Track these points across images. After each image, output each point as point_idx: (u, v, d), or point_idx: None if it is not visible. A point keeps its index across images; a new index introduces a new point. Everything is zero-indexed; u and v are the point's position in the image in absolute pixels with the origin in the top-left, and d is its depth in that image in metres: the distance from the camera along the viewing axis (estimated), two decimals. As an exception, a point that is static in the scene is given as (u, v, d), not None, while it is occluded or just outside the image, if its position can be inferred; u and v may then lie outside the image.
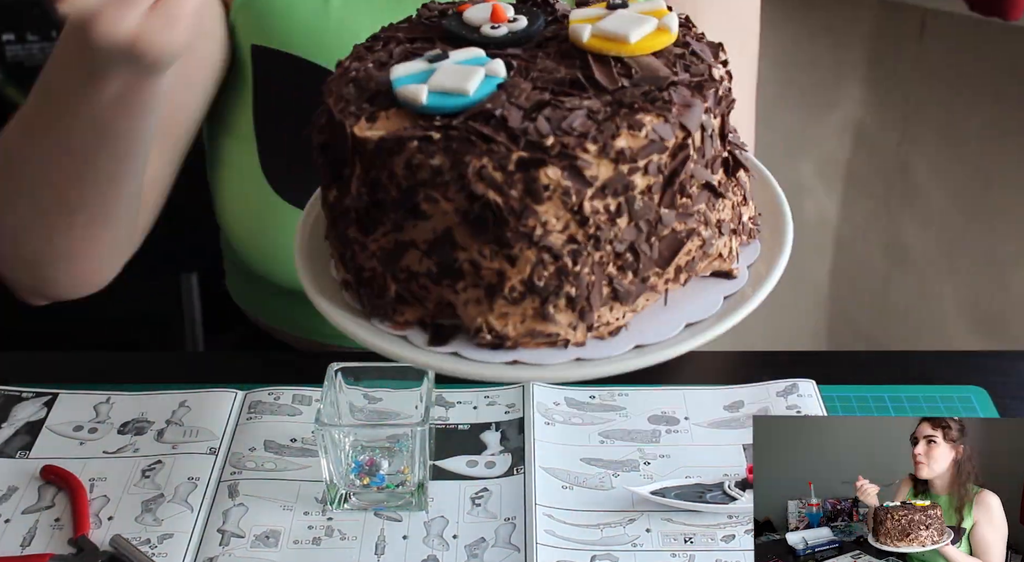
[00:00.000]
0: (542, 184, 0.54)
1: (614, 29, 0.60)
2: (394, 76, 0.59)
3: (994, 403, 0.87)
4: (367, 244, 0.59)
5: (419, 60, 0.60)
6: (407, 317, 0.60)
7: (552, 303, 0.57)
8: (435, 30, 0.66)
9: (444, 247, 0.57)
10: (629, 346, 0.59)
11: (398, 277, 0.59)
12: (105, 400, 0.87)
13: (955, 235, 1.91)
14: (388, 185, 0.57)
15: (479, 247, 0.56)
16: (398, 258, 0.59)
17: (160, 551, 0.74)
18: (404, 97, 0.57)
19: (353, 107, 0.59)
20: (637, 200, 0.57)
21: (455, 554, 0.74)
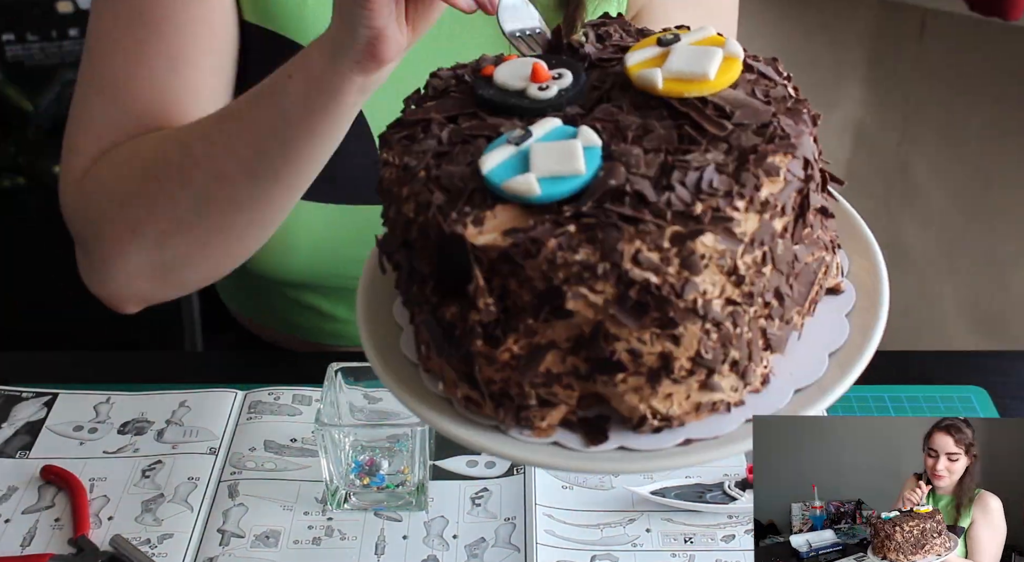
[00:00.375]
0: (699, 254, 0.51)
1: (690, 68, 0.56)
2: (486, 169, 0.53)
3: (994, 403, 0.87)
4: (496, 356, 0.54)
5: (501, 144, 0.54)
6: (550, 421, 0.55)
7: (719, 371, 0.54)
8: (468, 102, 0.60)
9: (595, 342, 0.52)
10: (789, 393, 0.56)
11: (535, 382, 0.54)
12: (105, 400, 0.87)
13: (955, 235, 1.92)
14: (520, 291, 0.52)
15: (638, 334, 0.52)
16: (537, 363, 0.53)
17: (160, 551, 0.74)
18: (514, 191, 0.52)
19: (453, 213, 0.52)
20: (779, 244, 0.54)
21: (455, 554, 0.74)
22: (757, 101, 0.56)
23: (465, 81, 0.61)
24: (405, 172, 0.56)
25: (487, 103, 0.58)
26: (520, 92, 0.58)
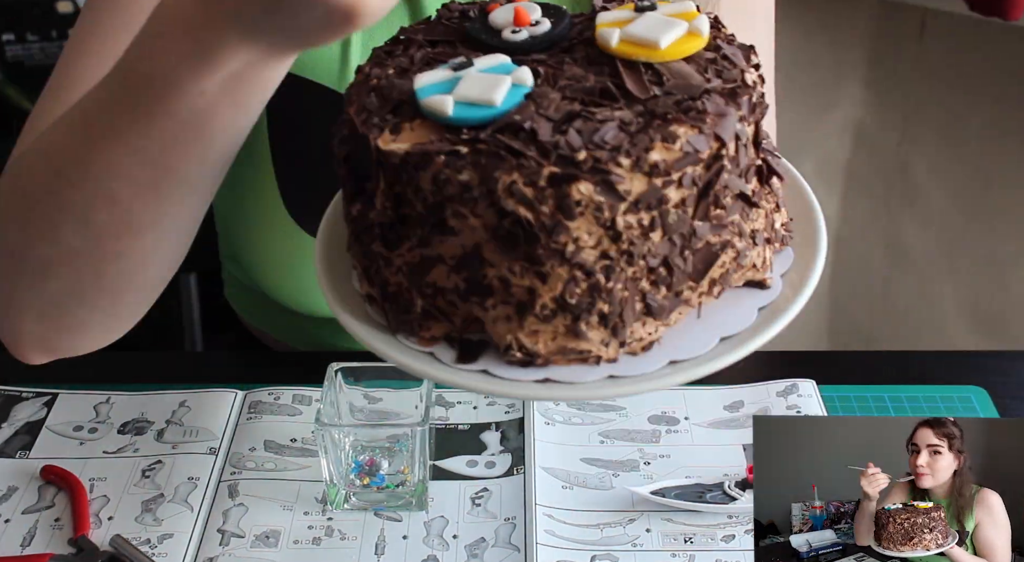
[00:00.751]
0: (574, 200, 0.52)
1: (644, 34, 0.58)
2: (418, 85, 0.56)
3: (994, 403, 0.87)
4: (392, 259, 0.57)
5: (443, 68, 0.58)
6: (433, 333, 0.58)
7: (584, 320, 0.56)
8: (456, 32, 0.63)
9: (473, 263, 0.55)
10: (663, 362, 0.57)
11: (424, 292, 0.57)
12: (105, 400, 0.87)
13: (955, 235, 1.91)
14: (414, 200, 0.55)
15: (509, 264, 0.54)
16: (425, 273, 0.57)
17: (160, 551, 0.74)
18: (429, 108, 0.55)
19: (376, 118, 0.56)
20: (671, 214, 0.55)
21: (455, 554, 0.74)
22: (699, 76, 0.57)
23: (469, 17, 0.64)
24: (365, 79, 0.60)
25: (467, 37, 0.62)
26: (498, 32, 0.61)
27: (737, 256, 0.59)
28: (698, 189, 0.55)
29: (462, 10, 0.65)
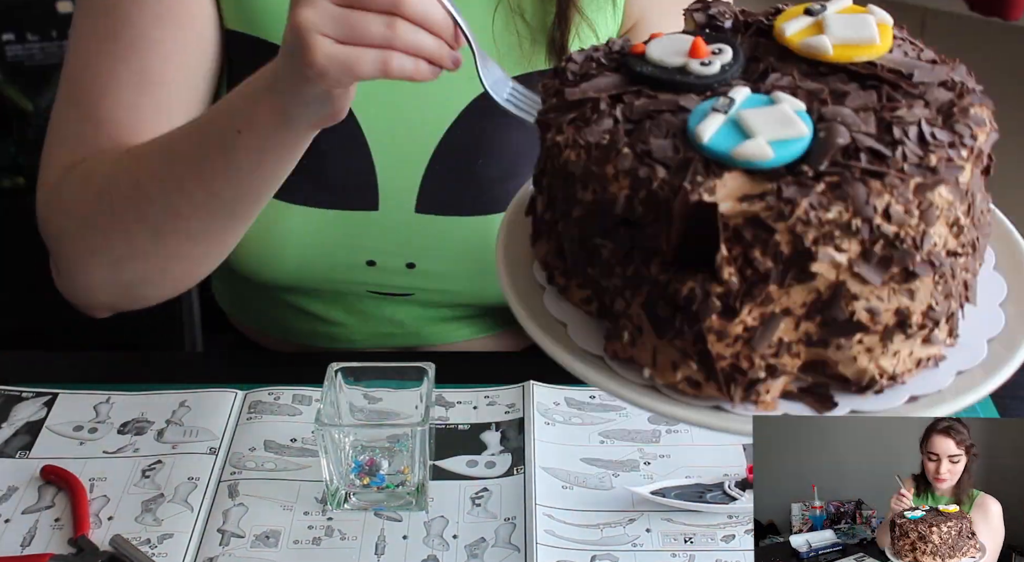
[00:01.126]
0: (936, 205, 0.52)
1: (856, 34, 0.58)
2: (705, 138, 0.53)
3: (994, 403, 0.87)
4: (729, 330, 0.52)
5: (711, 113, 0.54)
6: (774, 394, 0.55)
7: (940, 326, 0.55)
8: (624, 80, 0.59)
9: (835, 303, 0.52)
10: (982, 342, 0.57)
11: (764, 354, 0.53)
12: (105, 400, 0.87)
13: (955, 235, 1.91)
14: (762, 258, 0.51)
15: (877, 291, 0.52)
16: (771, 332, 0.53)
17: (160, 551, 0.74)
18: (746, 157, 0.51)
19: (687, 183, 0.51)
20: (978, 196, 0.55)
21: (455, 554, 0.74)
22: (920, 62, 0.57)
23: (602, 62, 0.61)
24: (601, 151, 0.54)
25: (647, 80, 0.58)
26: (681, 68, 0.58)
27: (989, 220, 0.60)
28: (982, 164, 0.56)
29: (590, 58, 0.62)
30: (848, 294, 0.52)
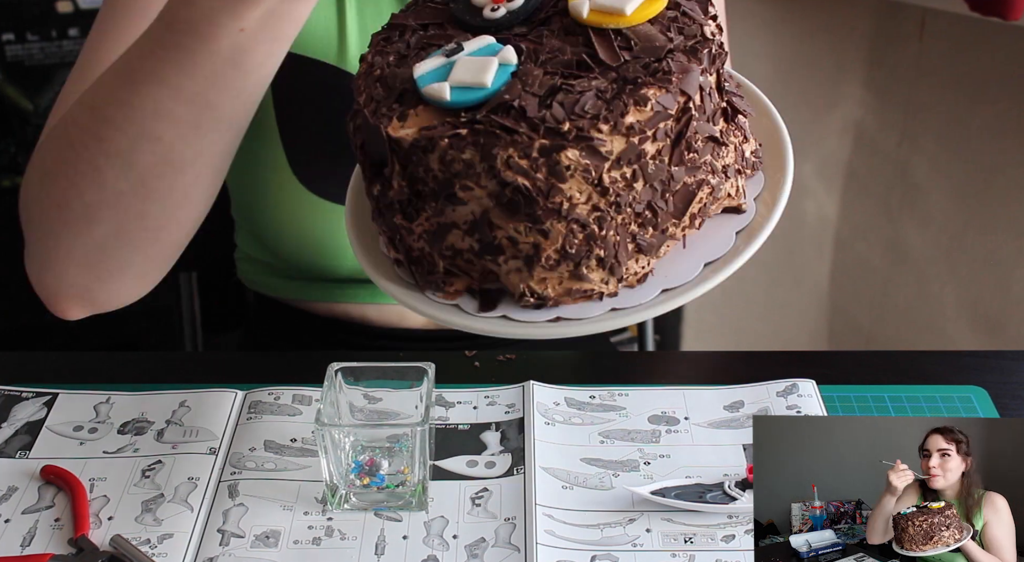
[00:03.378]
0: (564, 165, 0.60)
1: (611, 3, 0.64)
2: (417, 74, 0.63)
3: (994, 403, 0.87)
4: (412, 229, 0.65)
5: (437, 54, 0.64)
6: (456, 287, 0.66)
7: (585, 265, 0.63)
8: (442, 14, 0.69)
9: (483, 227, 0.63)
10: (657, 291, 0.65)
11: (444, 254, 0.65)
12: (105, 400, 0.87)
13: (955, 235, 1.91)
14: (425, 178, 0.62)
15: (514, 225, 0.62)
16: (442, 238, 0.64)
17: (160, 551, 0.74)
18: (430, 96, 0.61)
19: (384, 108, 0.63)
20: (649, 164, 0.62)
21: (455, 554, 0.74)
22: (662, 37, 0.64)
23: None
24: (370, 69, 0.66)
25: (454, 17, 0.68)
26: (479, 10, 0.68)
27: (712, 191, 0.66)
28: (671, 139, 0.62)
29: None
30: (492, 223, 0.62)
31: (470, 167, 0.60)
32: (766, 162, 0.71)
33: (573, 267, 0.63)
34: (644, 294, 0.65)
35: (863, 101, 1.96)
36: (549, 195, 0.60)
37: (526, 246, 0.63)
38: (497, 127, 0.60)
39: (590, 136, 0.59)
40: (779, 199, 0.68)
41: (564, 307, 0.65)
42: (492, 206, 0.61)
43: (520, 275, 0.64)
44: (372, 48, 0.68)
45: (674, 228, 0.65)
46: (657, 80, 0.61)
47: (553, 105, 0.60)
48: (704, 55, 0.63)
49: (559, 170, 0.60)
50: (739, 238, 0.67)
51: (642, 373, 0.93)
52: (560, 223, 0.61)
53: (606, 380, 0.90)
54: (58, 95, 0.86)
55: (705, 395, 0.87)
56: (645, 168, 0.62)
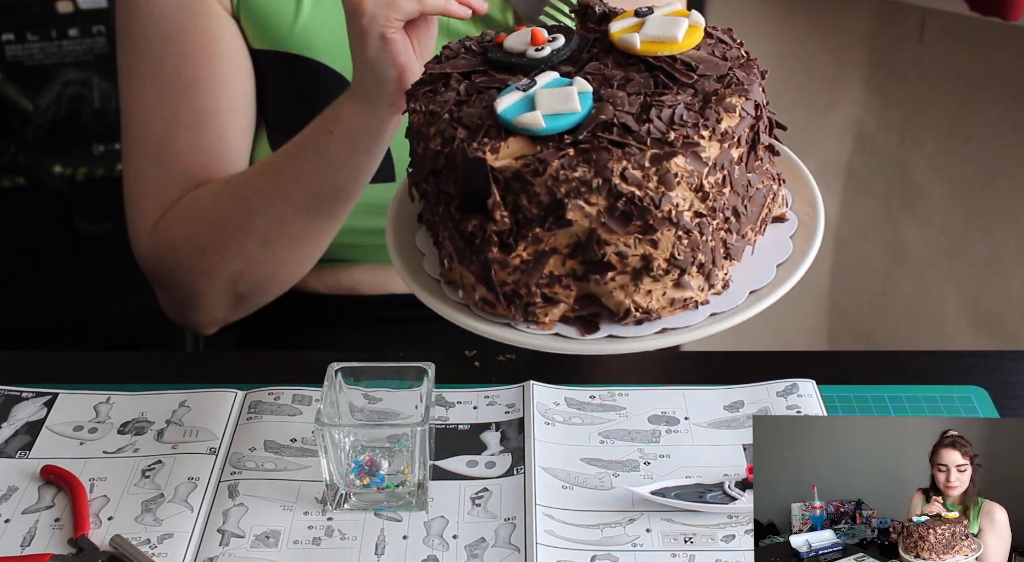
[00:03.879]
0: (672, 173, 0.63)
1: (662, 33, 0.69)
2: (500, 109, 0.65)
3: (994, 403, 0.87)
4: (508, 261, 0.66)
5: (512, 91, 0.66)
6: (552, 316, 0.68)
7: (688, 272, 0.66)
8: (479, 62, 0.72)
9: (589, 246, 0.64)
10: (744, 294, 0.68)
11: (541, 283, 0.66)
12: (105, 400, 0.87)
13: (955, 235, 1.91)
14: (529, 205, 0.64)
15: (624, 239, 0.64)
16: (541, 265, 0.66)
17: (160, 551, 0.74)
18: (523, 125, 0.64)
19: (475, 143, 0.64)
20: (736, 170, 0.66)
21: (455, 554, 0.74)
22: (716, 59, 0.69)
23: (472, 50, 0.74)
24: (432, 116, 0.68)
25: (495, 63, 0.71)
26: (521, 54, 0.71)
27: (774, 197, 0.72)
28: (748, 145, 0.67)
29: (463, 46, 0.74)
30: (600, 239, 0.64)
31: (583, 184, 0.62)
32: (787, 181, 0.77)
33: (678, 275, 0.66)
34: (733, 298, 0.68)
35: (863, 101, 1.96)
36: (660, 203, 0.63)
37: (635, 259, 0.64)
38: (607, 143, 0.62)
39: (695, 142, 0.63)
40: (817, 207, 0.74)
41: (666, 318, 0.67)
42: (603, 222, 0.63)
43: (625, 291, 0.66)
44: (417, 100, 0.70)
45: (751, 233, 0.69)
46: (735, 90, 0.66)
47: (652, 119, 0.63)
48: (755, 72, 0.68)
49: (668, 178, 0.63)
50: (795, 242, 0.72)
51: (642, 373, 0.92)
52: (670, 230, 0.64)
53: (606, 380, 0.90)
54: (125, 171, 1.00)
55: (705, 395, 0.87)
56: (732, 173, 0.66)
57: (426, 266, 0.74)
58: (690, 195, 0.64)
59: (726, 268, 0.68)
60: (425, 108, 0.69)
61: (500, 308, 0.67)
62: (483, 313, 0.69)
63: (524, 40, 0.71)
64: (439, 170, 0.67)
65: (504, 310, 0.67)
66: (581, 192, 0.62)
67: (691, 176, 0.63)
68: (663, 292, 0.66)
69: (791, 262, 0.70)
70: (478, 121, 0.66)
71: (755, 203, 0.69)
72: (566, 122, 0.64)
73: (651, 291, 0.66)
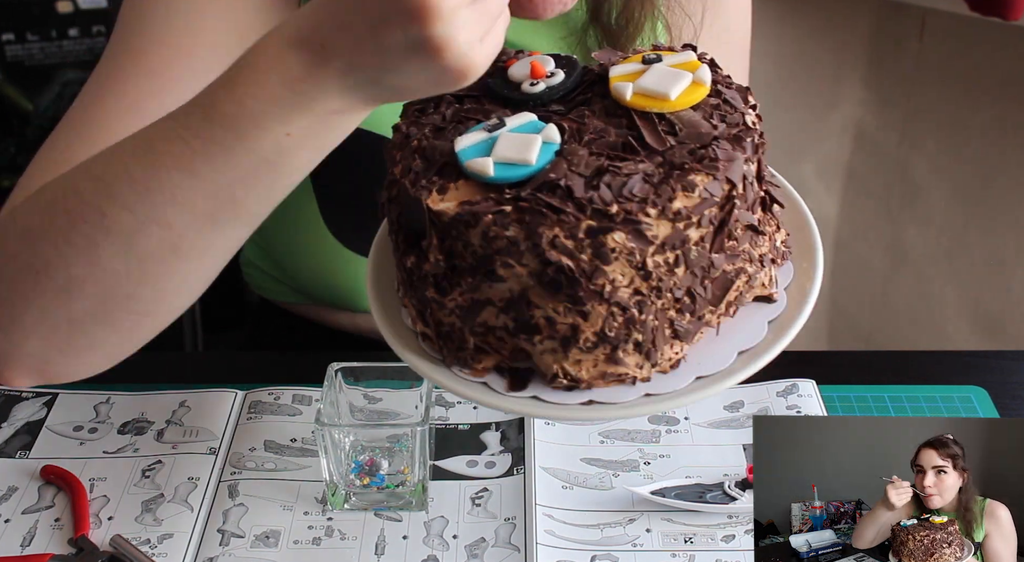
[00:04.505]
0: (609, 248, 0.58)
1: (655, 87, 0.64)
2: (459, 148, 0.62)
3: (994, 403, 0.87)
4: (445, 303, 0.63)
5: (479, 129, 0.63)
6: (485, 364, 0.64)
7: (622, 349, 0.62)
8: (479, 87, 0.67)
9: (520, 306, 0.61)
10: (691, 378, 0.63)
11: (475, 331, 0.63)
12: (105, 400, 0.87)
13: (955, 235, 1.92)
14: (464, 253, 0.60)
15: (553, 305, 0.60)
16: (476, 314, 0.62)
17: (160, 551, 0.74)
18: (473, 170, 0.60)
19: (424, 180, 0.61)
20: (692, 251, 0.60)
21: (455, 554, 0.74)
22: (706, 124, 0.63)
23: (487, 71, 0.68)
24: (405, 139, 0.65)
25: (490, 90, 0.67)
26: (517, 85, 0.67)
27: (749, 279, 0.65)
28: (714, 226, 0.61)
29: None
30: (530, 301, 0.60)
31: (513, 244, 0.59)
32: (794, 252, 0.70)
33: (610, 350, 0.62)
34: (678, 380, 0.63)
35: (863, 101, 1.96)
36: (592, 277, 0.59)
37: (563, 327, 0.61)
38: (543, 206, 0.58)
39: (638, 219, 0.58)
40: (810, 291, 0.67)
41: (597, 390, 0.63)
42: (532, 285, 0.60)
43: (554, 356, 0.62)
44: (406, 117, 0.67)
45: (710, 315, 0.64)
46: (704, 167, 0.60)
47: (600, 187, 0.59)
48: (748, 144, 0.62)
49: (604, 252, 0.58)
50: (771, 327, 0.66)
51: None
52: (601, 305, 0.60)
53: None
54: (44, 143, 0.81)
55: (705, 395, 0.87)
56: (688, 254, 0.61)
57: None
58: (630, 272, 0.59)
59: (678, 348, 0.63)
60: (406, 129, 0.66)
61: (436, 345, 0.65)
62: (425, 346, 0.66)
63: (525, 71, 0.68)
64: (392, 198, 0.65)
65: (437, 349, 0.65)
66: (511, 252, 0.59)
67: (631, 254, 0.59)
68: (594, 363, 0.62)
69: (758, 349, 0.64)
70: (438, 156, 0.62)
71: (718, 285, 0.63)
72: (515, 174, 0.60)
73: (580, 360, 0.62)
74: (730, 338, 0.65)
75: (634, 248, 0.59)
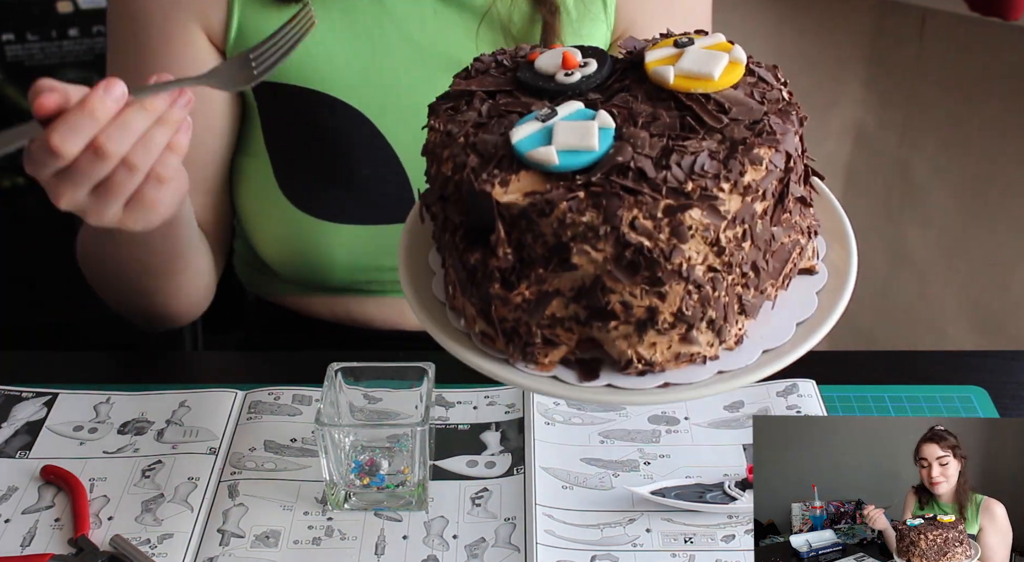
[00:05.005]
0: (687, 225, 0.59)
1: (697, 68, 0.64)
2: (515, 140, 0.62)
3: (994, 403, 0.87)
4: (510, 298, 0.62)
5: (530, 120, 0.63)
6: (552, 358, 0.64)
7: (696, 327, 0.62)
8: (507, 82, 0.68)
9: (594, 292, 0.61)
10: (757, 352, 0.64)
11: (542, 324, 0.63)
12: (105, 400, 0.87)
13: (955, 235, 1.91)
14: (533, 244, 0.60)
15: (630, 289, 0.60)
16: (543, 307, 0.62)
17: (160, 551, 0.74)
18: (536, 160, 0.60)
19: (484, 174, 0.61)
20: (758, 224, 0.61)
21: (455, 554, 0.74)
22: (753, 101, 0.64)
23: (504, 65, 0.70)
24: (448, 137, 0.65)
25: (523, 84, 0.67)
26: (551, 77, 0.67)
27: (801, 251, 0.67)
28: (774, 199, 0.62)
29: (495, 60, 0.71)
30: (605, 287, 0.60)
31: (590, 229, 0.59)
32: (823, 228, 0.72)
33: (685, 330, 0.62)
34: (746, 356, 0.64)
35: (863, 101, 1.96)
36: (671, 256, 0.59)
37: (640, 310, 0.61)
38: (619, 188, 0.58)
39: (714, 195, 0.59)
40: (849, 259, 0.69)
41: (669, 372, 0.63)
42: (608, 269, 0.60)
43: (628, 341, 0.62)
44: (438, 116, 0.67)
45: (771, 288, 0.65)
46: (765, 140, 0.61)
47: (671, 166, 0.59)
48: (794, 118, 0.64)
49: (682, 230, 0.59)
50: (821, 298, 0.67)
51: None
52: (679, 285, 0.60)
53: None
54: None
55: (705, 395, 0.87)
56: (754, 228, 0.61)
57: (434, 287, 0.70)
58: (705, 249, 0.60)
59: (741, 323, 0.64)
60: (443, 127, 0.66)
61: (499, 343, 0.64)
62: (482, 346, 0.65)
63: (555, 62, 0.67)
64: (447, 196, 0.64)
65: (503, 346, 0.64)
66: (588, 237, 0.59)
67: (707, 230, 0.59)
68: (668, 345, 0.62)
69: (813, 320, 0.66)
70: (492, 149, 0.62)
71: (778, 258, 0.65)
72: (581, 160, 0.60)
73: (655, 343, 0.62)
74: (786, 311, 0.66)
75: (709, 224, 0.59)
